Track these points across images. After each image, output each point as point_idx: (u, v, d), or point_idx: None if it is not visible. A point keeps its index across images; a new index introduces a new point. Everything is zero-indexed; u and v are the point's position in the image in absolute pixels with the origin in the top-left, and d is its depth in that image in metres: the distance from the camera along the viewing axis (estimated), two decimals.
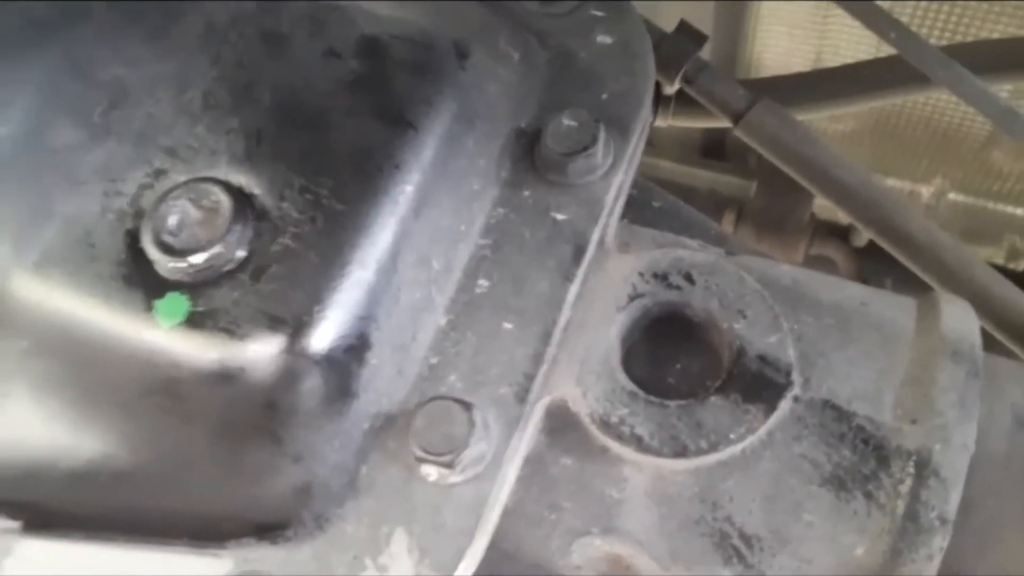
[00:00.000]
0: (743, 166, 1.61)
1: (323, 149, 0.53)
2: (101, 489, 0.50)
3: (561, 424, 0.55)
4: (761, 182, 1.43)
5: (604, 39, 0.63)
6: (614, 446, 0.53)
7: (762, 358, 0.54)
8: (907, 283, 0.80)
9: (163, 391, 0.49)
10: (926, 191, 1.76)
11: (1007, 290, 0.70)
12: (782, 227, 1.38)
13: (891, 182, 1.77)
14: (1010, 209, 1.68)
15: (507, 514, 0.54)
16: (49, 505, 0.51)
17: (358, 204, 0.51)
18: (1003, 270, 1.63)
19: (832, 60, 1.43)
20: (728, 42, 1.40)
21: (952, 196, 1.73)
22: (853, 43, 1.39)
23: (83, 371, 0.51)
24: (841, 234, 1.54)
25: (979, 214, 1.73)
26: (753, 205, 1.42)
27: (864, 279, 1.33)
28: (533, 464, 0.55)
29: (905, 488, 0.50)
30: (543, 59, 0.62)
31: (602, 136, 0.57)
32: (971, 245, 1.74)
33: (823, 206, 1.64)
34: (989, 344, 0.73)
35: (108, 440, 0.51)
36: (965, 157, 1.62)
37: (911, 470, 0.50)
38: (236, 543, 0.48)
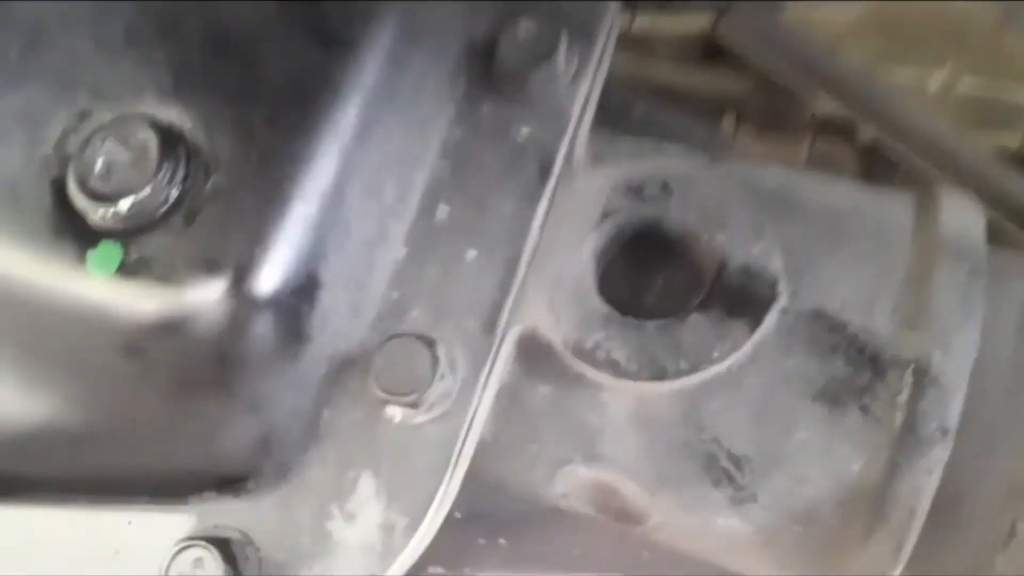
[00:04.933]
0: (747, 65, 1.54)
1: (255, 77, 0.49)
2: (58, 450, 0.49)
3: (535, 352, 0.52)
4: (758, 80, 1.36)
5: None
6: (591, 372, 0.50)
7: (746, 270, 0.50)
8: (915, 182, 0.75)
9: (107, 346, 0.47)
10: (936, 77, 1.68)
11: (1017, 179, 0.65)
12: (783, 126, 1.31)
13: (900, 70, 1.69)
14: None
15: (487, 447, 0.52)
16: (6, 469, 0.49)
17: (295, 135, 0.47)
18: (1019, 157, 1.56)
19: None
20: None
21: (965, 80, 1.65)
22: None
23: (22, 330, 0.48)
24: (846, 132, 1.47)
25: (992, 99, 1.65)
26: (752, 105, 1.35)
27: (871, 177, 1.27)
28: (509, 395, 0.52)
29: (902, 399, 0.47)
30: None
31: (563, 42, 0.53)
32: (985, 132, 1.68)
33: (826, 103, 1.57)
34: (1000, 236, 0.69)
35: (57, 401, 0.49)
36: (976, 42, 1.54)
37: (909, 380, 0.47)
38: (197, 498, 0.47)
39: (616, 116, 0.72)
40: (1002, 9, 1.46)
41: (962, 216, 0.52)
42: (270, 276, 0.46)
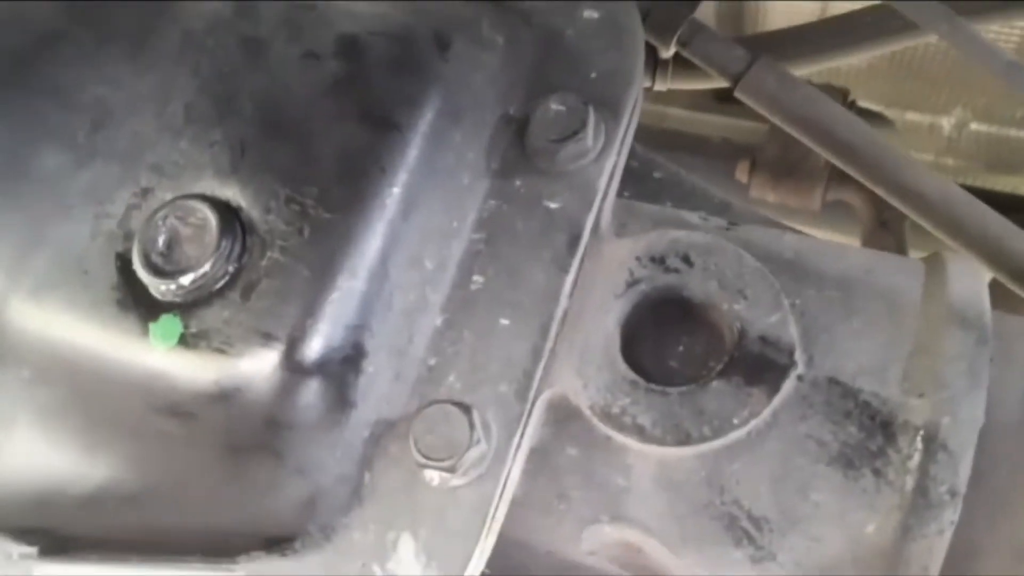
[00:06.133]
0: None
1: (307, 157, 0.53)
2: (113, 511, 0.51)
3: (564, 415, 0.55)
4: (773, 127, 1.39)
5: (591, 14, 0.61)
6: (617, 436, 0.53)
7: (763, 339, 0.53)
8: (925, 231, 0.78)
9: (164, 413, 0.50)
10: (947, 123, 1.71)
11: (1023, 241, 0.68)
12: (797, 173, 1.35)
13: (911, 115, 1.72)
14: None
15: (517, 505, 0.54)
16: (64, 529, 0.52)
17: (345, 212, 0.51)
18: None
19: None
20: None
21: (975, 126, 1.68)
22: None
23: (85, 397, 0.51)
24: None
25: (1003, 143, 1.68)
26: (767, 153, 1.38)
27: (883, 222, 1.30)
28: (539, 455, 0.55)
29: (913, 463, 0.50)
30: (529, 40, 0.60)
31: (591, 119, 0.56)
32: (995, 175, 1.70)
33: None
34: (1006, 298, 0.71)
35: (115, 464, 0.52)
36: (987, 84, 1.57)
37: (919, 445, 0.50)
38: (247, 557, 0.49)
39: (637, 178, 0.75)
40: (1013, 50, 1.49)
41: (968, 284, 0.55)
42: (320, 347, 0.49)
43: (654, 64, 0.84)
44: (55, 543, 0.52)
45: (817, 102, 0.71)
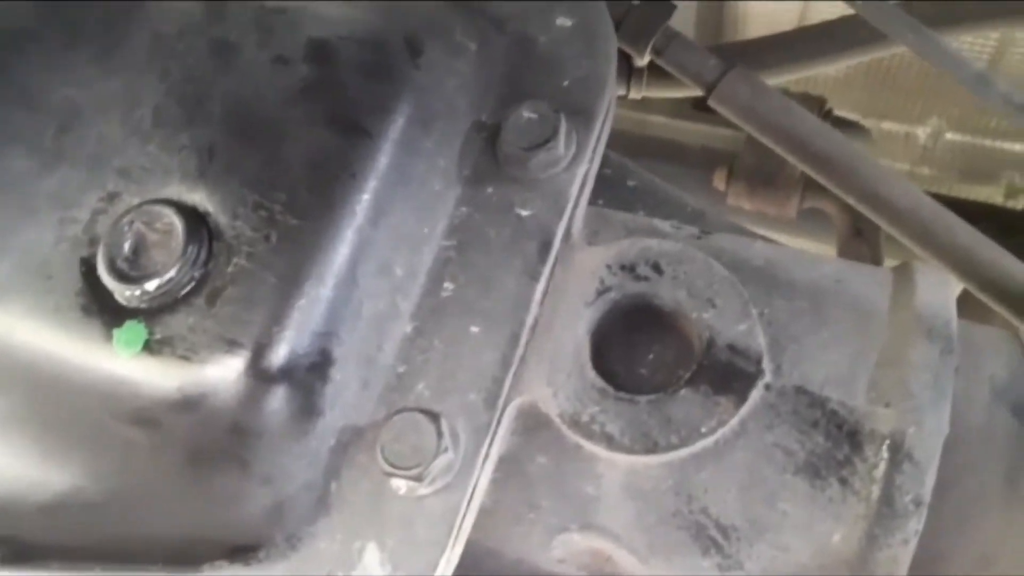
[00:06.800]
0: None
1: (275, 162, 0.52)
2: (76, 519, 0.51)
3: (534, 423, 0.54)
4: (750, 137, 1.40)
5: (564, 21, 0.61)
6: (587, 444, 0.53)
7: (732, 347, 0.53)
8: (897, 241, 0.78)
9: (128, 420, 0.49)
10: (922, 132, 1.73)
11: (991, 251, 0.69)
12: (774, 182, 1.36)
13: (886, 125, 1.74)
14: (1007, 146, 1.66)
15: (486, 513, 0.54)
16: (26, 537, 0.51)
17: (313, 218, 0.51)
18: (1002, 209, 1.60)
19: (820, 7, 1.40)
20: None
21: (949, 136, 1.70)
22: None
23: (48, 404, 0.51)
24: None
25: (976, 152, 1.70)
26: (744, 161, 1.39)
27: (858, 231, 1.31)
28: (509, 464, 0.55)
29: (879, 473, 0.50)
30: (502, 47, 0.60)
31: (563, 127, 0.56)
32: (969, 184, 1.72)
33: None
34: (975, 308, 0.72)
35: (78, 471, 0.51)
36: (960, 95, 1.59)
37: (885, 454, 0.50)
38: (210, 566, 0.49)
39: (610, 186, 0.75)
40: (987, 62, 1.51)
41: (936, 294, 0.55)
42: (286, 354, 0.49)
43: (629, 72, 0.84)
44: (17, 551, 0.51)
45: (790, 111, 0.72)
